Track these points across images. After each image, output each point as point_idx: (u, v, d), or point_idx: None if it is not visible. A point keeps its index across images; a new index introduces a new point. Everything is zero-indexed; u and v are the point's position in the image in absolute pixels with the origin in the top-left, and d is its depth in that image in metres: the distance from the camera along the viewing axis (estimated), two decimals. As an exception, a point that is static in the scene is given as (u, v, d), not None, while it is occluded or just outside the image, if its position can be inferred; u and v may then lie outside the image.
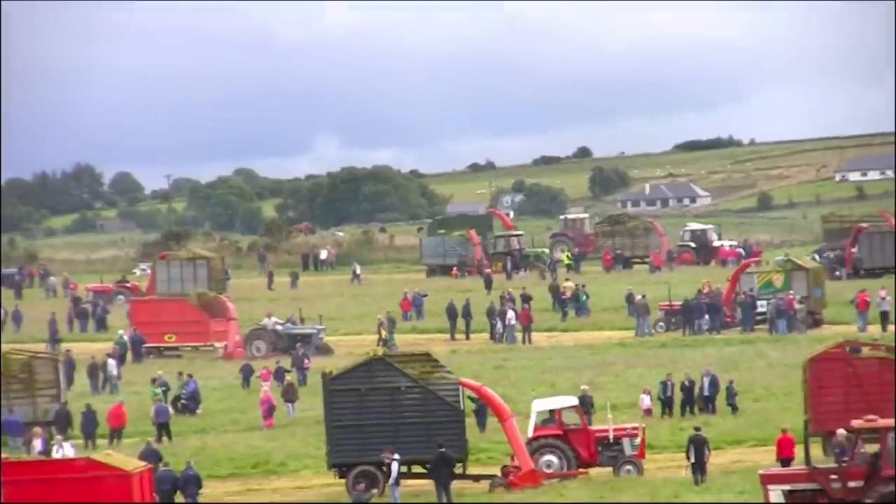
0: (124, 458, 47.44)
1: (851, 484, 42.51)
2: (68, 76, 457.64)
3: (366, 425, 51.34)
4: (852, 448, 43.95)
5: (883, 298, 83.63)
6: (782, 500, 42.84)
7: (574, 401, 55.15)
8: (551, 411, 53.56)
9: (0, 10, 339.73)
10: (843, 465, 43.55)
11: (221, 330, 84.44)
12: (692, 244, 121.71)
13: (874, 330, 78.92)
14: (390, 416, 51.32)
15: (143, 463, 46.88)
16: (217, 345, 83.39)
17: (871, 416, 46.02)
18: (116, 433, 61.59)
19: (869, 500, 41.64)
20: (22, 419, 62.72)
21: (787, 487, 43.40)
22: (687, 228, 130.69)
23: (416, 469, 52.03)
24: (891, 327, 77.71)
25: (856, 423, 45.38)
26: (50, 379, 64.49)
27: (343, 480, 50.88)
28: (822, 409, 51.56)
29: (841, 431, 47.57)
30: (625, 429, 53.07)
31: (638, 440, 52.75)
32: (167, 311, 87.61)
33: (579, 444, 52.41)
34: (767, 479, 44.04)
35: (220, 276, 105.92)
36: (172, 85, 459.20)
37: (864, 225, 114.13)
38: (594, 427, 53.74)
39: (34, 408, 63.23)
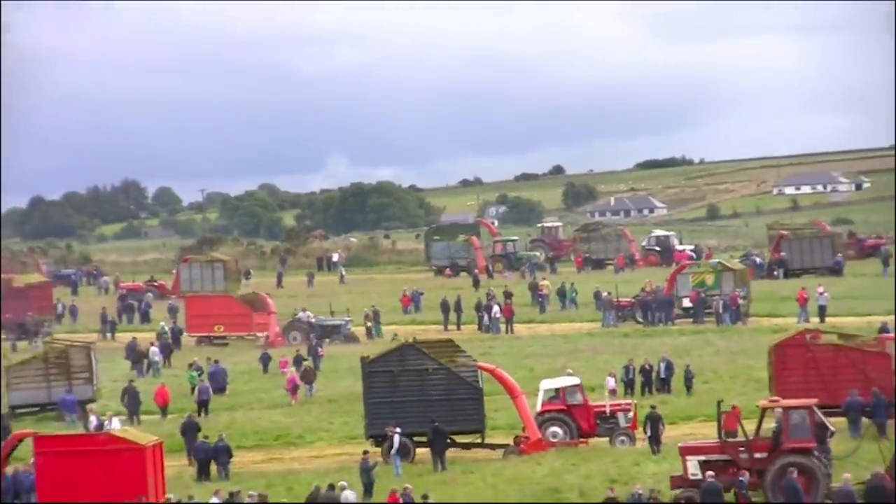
0: (140, 433, 47.73)
1: (757, 455, 42.46)
2: (119, 104, 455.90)
3: (398, 401, 51.61)
4: (758, 424, 43.95)
5: (821, 294, 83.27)
6: (698, 469, 42.63)
7: (577, 381, 55.12)
8: (557, 389, 53.86)
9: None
10: (750, 438, 43.40)
11: (263, 322, 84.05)
12: (657, 248, 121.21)
13: (814, 321, 77.83)
14: (419, 394, 51.74)
15: (155, 438, 46.68)
16: (259, 335, 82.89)
17: (774, 398, 46.08)
18: (162, 410, 61.66)
19: (772, 469, 41.41)
20: (77, 398, 63.15)
21: (702, 458, 43.19)
22: (653, 234, 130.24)
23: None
24: (828, 319, 77.05)
25: (761, 402, 45.72)
26: (83, 364, 64.76)
27: (354, 451, 50.85)
28: (785, 387, 51.09)
29: (778, 410, 47.89)
30: (619, 404, 53.65)
31: (631, 414, 52.97)
32: (216, 305, 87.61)
33: (580, 418, 52.67)
34: (686, 451, 43.93)
35: (234, 276, 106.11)
36: (206, 112, 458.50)
37: (786, 232, 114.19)
38: (593, 403, 53.84)
39: (69, 388, 63.29)
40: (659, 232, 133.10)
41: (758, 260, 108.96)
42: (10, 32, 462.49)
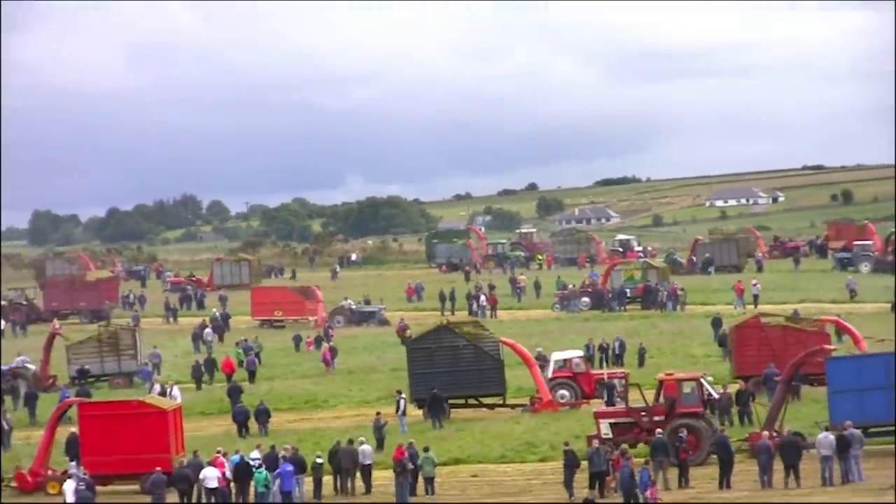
0: (165, 400, 47.58)
1: (656, 418, 42.10)
2: (178, 133, 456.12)
3: (435, 372, 51.71)
4: (657, 393, 43.54)
5: (755, 285, 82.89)
6: (609, 430, 42.39)
7: (580, 353, 55.59)
8: (564, 360, 53.77)
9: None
10: (651, 404, 43.11)
11: (312, 308, 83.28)
12: (620, 249, 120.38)
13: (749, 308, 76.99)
14: (452, 366, 51.85)
15: (177, 403, 47.04)
16: (310, 318, 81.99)
17: (669, 372, 45.53)
18: (228, 376, 61.16)
19: (667, 429, 40.91)
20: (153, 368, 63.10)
21: (612, 421, 42.90)
22: (617, 238, 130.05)
23: (472, 402, 52.94)
24: (762, 306, 76.11)
25: (658, 376, 45.31)
26: (130, 343, 64.36)
27: (369, 412, 50.48)
28: (742, 360, 51.55)
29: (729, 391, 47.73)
30: (615, 373, 53.09)
31: (624, 381, 51.94)
32: (276, 294, 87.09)
33: (584, 383, 52.61)
34: (599, 415, 43.69)
35: (256, 272, 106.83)
36: (248, 140, 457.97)
37: (700, 237, 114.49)
38: (594, 371, 53.95)
39: (119, 363, 63.31)
40: (622, 236, 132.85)
41: (678, 259, 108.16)
42: (86, 73, 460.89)
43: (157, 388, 56.79)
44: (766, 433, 40.19)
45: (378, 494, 40.31)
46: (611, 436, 42.05)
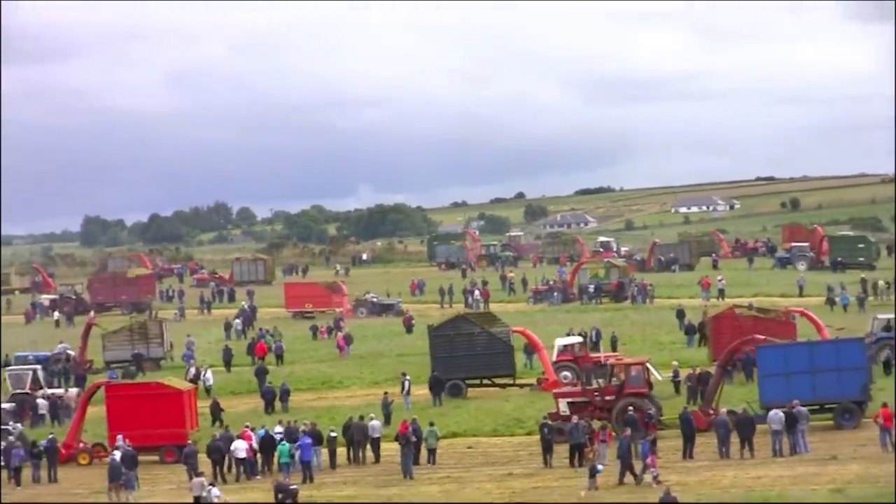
0: (180, 381, 47.41)
1: (607, 398, 42.12)
2: (212, 149, 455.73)
3: (454, 356, 51.53)
4: (609, 376, 43.57)
5: (720, 280, 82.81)
6: (567, 408, 42.29)
7: (580, 339, 55.44)
8: (566, 346, 53.63)
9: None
10: (602, 385, 43.20)
11: (338, 301, 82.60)
12: (602, 249, 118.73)
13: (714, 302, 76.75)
14: (468, 350, 51.63)
15: (191, 385, 46.97)
16: (337, 310, 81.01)
17: (619, 356, 45.31)
18: (261, 359, 61.01)
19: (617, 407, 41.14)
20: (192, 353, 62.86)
21: (570, 400, 42.84)
22: (600, 240, 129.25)
23: (486, 382, 52.46)
24: (727, 300, 75.15)
25: (609, 361, 45.21)
26: (157, 332, 64.27)
27: (378, 392, 50.42)
28: (719, 346, 50.42)
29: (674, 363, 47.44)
30: (610, 356, 52.59)
31: None
32: (306, 290, 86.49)
33: (583, 365, 52.15)
34: (558, 395, 43.77)
35: (271, 270, 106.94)
36: (272, 154, 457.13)
37: (657, 240, 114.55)
38: (593, 355, 53.62)
39: (147, 350, 63.03)
40: (603, 238, 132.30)
41: (638, 258, 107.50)
42: (131, 97, 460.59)
43: (193, 370, 56.84)
44: (724, 410, 40.20)
45: (385, 464, 40.33)
46: (568, 413, 41.86)
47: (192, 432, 42.82)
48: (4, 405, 50.11)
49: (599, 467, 35.30)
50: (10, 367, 56.57)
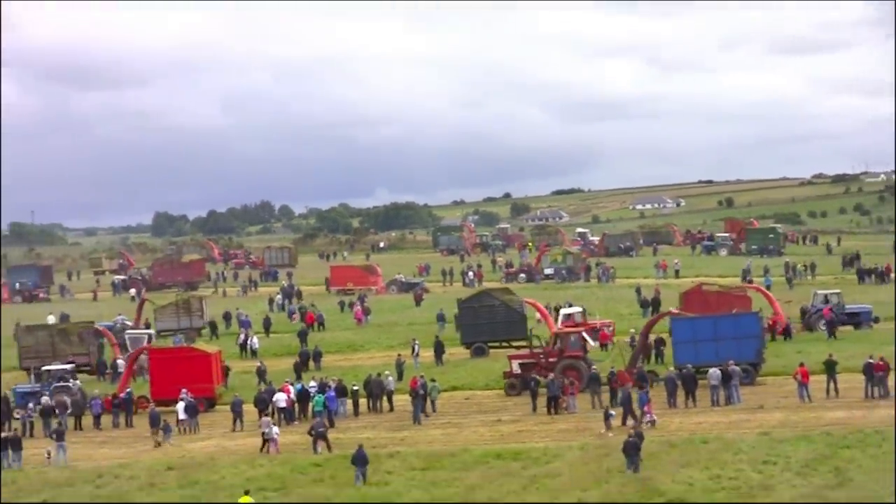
0: (208, 345, 46.95)
1: (551, 359, 41.78)
2: (257, 160, 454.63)
3: (478, 324, 50.90)
4: (553, 342, 42.80)
5: (676, 263, 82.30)
6: (518, 368, 42.06)
7: (580, 309, 54.31)
8: (568, 314, 52.74)
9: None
10: (546, 349, 42.45)
11: (374, 280, 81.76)
12: (580, 239, 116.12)
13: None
14: (489, 319, 50.74)
15: (217, 349, 46.17)
16: (373, 288, 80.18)
17: (567, 324, 44.42)
18: (310, 326, 60.66)
19: (558, 367, 40.79)
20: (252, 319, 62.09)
21: (521, 361, 42.51)
22: (577, 230, 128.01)
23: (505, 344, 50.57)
24: (682, 280, 74.58)
25: (554, 330, 44.42)
26: (198, 307, 63.21)
27: (392, 354, 49.85)
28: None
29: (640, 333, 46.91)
30: (605, 322, 51.66)
31: (612, 328, 51.42)
32: (348, 271, 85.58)
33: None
34: (511, 357, 43.44)
35: (295, 256, 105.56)
36: (307, 163, 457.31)
37: (606, 232, 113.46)
38: (589, 322, 52.04)
39: (190, 321, 61.98)
40: (580, 229, 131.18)
41: (593, 246, 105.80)
42: (193, 116, 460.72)
43: (242, 336, 56.73)
44: (672, 369, 40.05)
45: (398, 412, 40.21)
46: (519, 372, 41.64)
47: (218, 387, 42.42)
48: (119, 361, 49.49)
49: (612, 412, 35.03)
50: (129, 332, 55.94)
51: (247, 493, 28.04)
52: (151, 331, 56.58)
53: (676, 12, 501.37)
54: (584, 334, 43.40)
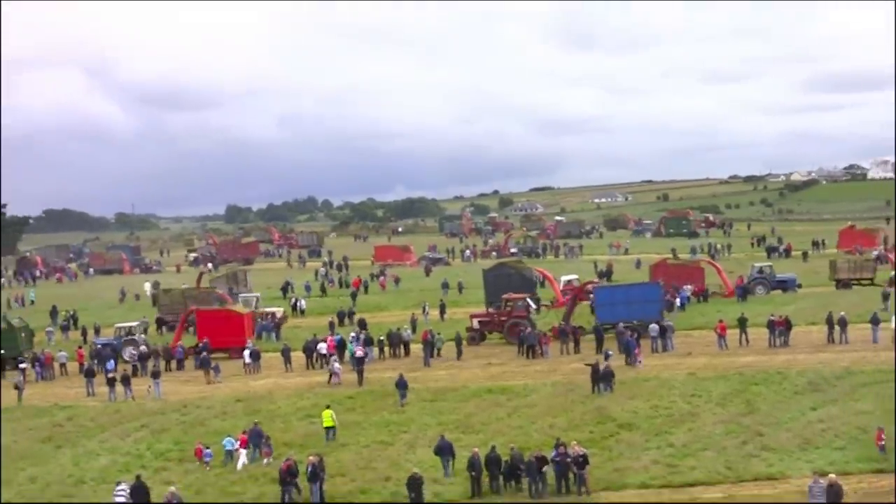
0: (242, 307, 45.15)
1: (502, 318, 40.84)
2: (299, 165, 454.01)
3: (499, 288, 47.94)
4: (504, 304, 41.28)
5: (626, 243, 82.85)
6: (477, 325, 40.46)
7: (576, 276, 51.92)
8: (568, 280, 51.55)
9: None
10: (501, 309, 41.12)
11: (409, 256, 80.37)
12: (554, 224, 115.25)
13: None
14: (507, 286, 47.62)
15: (249, 310, 44.39)
16: (407, 263, 78.58)
17: (512, 293, 42.33)
18: (357, 289, 59.11)
19: (506, 325, 39.57)
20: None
21: (480, 319, 41.66)
22: (555, 218, 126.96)
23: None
24: (629, 255, 73.94)
25: (504, 296, 42.58)
26: (244, 278, 60.04)
27: (407, 313, 49.31)
28: None
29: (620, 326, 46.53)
30: (593, 283, 49.27)
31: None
32: (388, 249, 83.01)
33: (577, 292, 47.43)
34: (472, 316, 42.57)
35: (321, 239, 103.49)
36: (342, 168, 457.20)
37: (560, 219, 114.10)
38: (577, 284, 50.04)
39: (237, 289, 58.42)
40: (558, 218, 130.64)
41: (549, 234, 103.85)
42: (254, 132, 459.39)
43: (293, 299, 56.28)
44: (622, 324, 39.55)
45: (413, 357, 39.98)
46: (478, 328, 40.84)
47: (251, 339, 41.51)
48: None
49: (610, 352, 34.48)
50: (243, 294, 54.40)
51: (328, 407, 28.03)
52: (258, 294, 54.88)
53: (630, 51, 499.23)
54: (529, 300, 42.26)
